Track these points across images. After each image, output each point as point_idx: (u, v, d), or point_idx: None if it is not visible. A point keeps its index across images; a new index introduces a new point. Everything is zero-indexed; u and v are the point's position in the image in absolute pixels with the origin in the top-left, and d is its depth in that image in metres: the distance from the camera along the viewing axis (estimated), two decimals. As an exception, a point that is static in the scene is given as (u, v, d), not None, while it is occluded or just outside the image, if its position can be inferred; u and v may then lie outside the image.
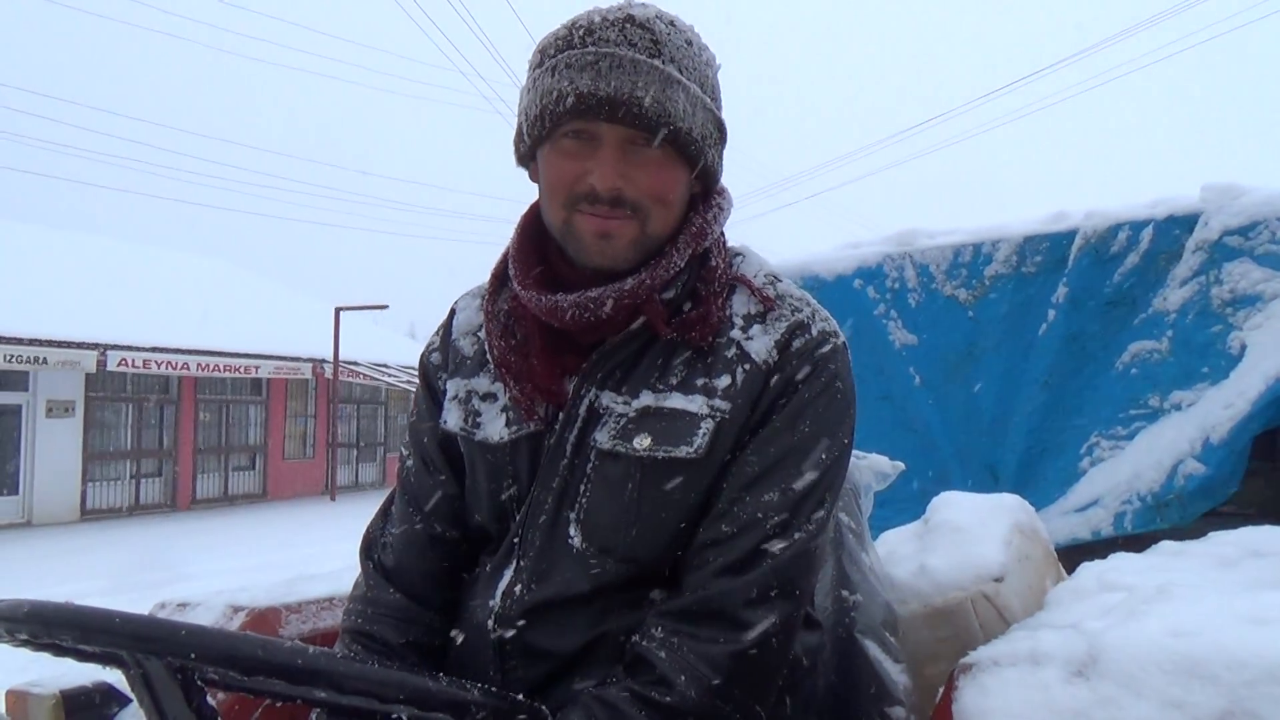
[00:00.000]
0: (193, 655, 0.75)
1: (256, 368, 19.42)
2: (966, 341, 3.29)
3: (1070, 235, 3.08)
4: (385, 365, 22.22)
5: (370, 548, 1.33)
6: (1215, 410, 2.57)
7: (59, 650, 0.85)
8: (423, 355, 1.39)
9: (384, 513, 1.36)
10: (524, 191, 1.23)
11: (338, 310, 20.54)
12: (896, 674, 1.49)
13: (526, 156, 1.20)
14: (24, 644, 0.86)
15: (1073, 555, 2.51)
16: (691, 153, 1.13)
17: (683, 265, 1.16)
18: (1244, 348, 2.62)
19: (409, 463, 1.34)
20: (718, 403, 1.11)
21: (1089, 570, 1.32)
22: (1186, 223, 2.85)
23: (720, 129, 1.20)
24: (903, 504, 3.03)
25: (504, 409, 1.22)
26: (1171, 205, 2.92)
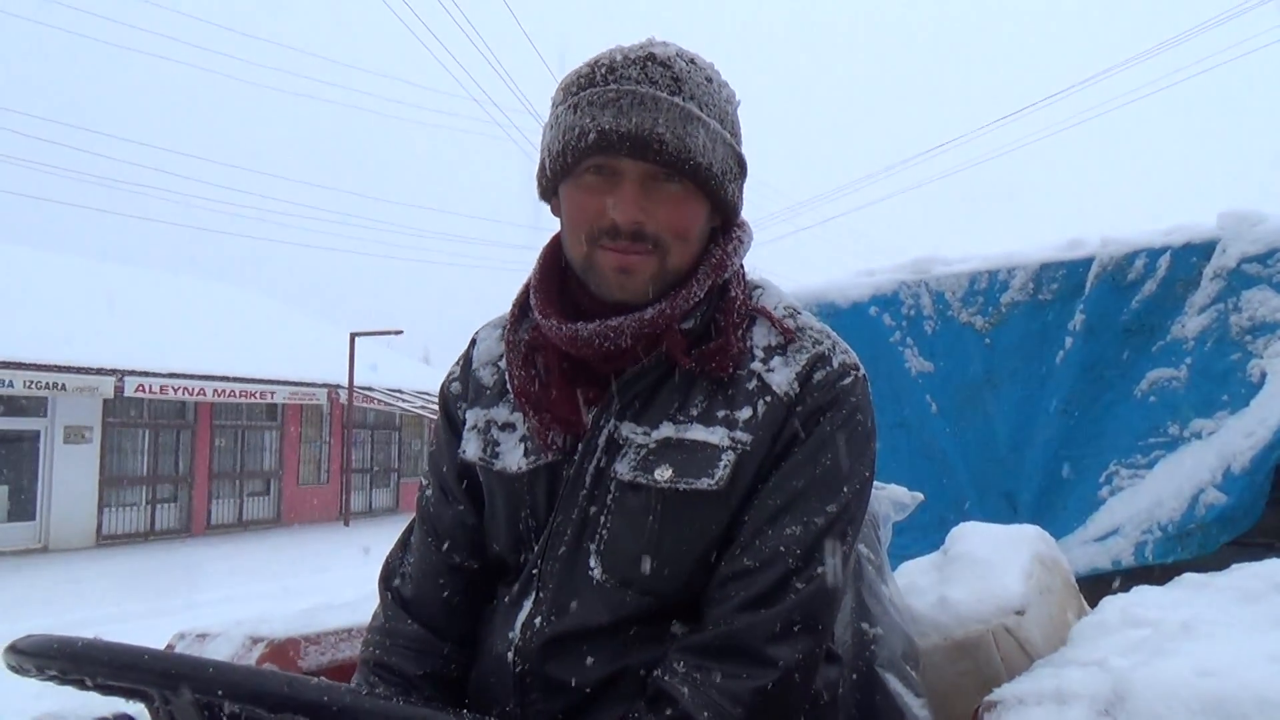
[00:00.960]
0: (219, 692, 0.76)
1: (272, 393, 19.52)
2: (983, 369, 3.27)
3: (1087, 263, 3.07)
4: (400, 391, 22.28)
5: (389, 577, 1.34)
6: (1236, 439, 2.55)
7: (85, 685, 0.86)
8: (443, 385, 1.40)
9: (403, 543, 1.37)
10: (536, 218, 1.25)
11: (353, 336, 20.65)
12: (918, 708, 1.48)
13: (549, 191, 1.22)
14: (51, 679, 0.86)
15: (1093, 585, 2.50)
16: (711, 188, 1.14)
17: (702, 296, 1.17)
18: (1264, 375, 2.60)
19: (428, 492, 1.35)
20: (739, 435, 1.12)
21: (1112, 604, 1.31)
22: (1204, 250, 2.84)
23: (740, 164, 1.21)
24: (919, 532, 3.01)
25: (522, 439, 1.23)
26: (1189, 232, 2.91)
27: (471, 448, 1.27)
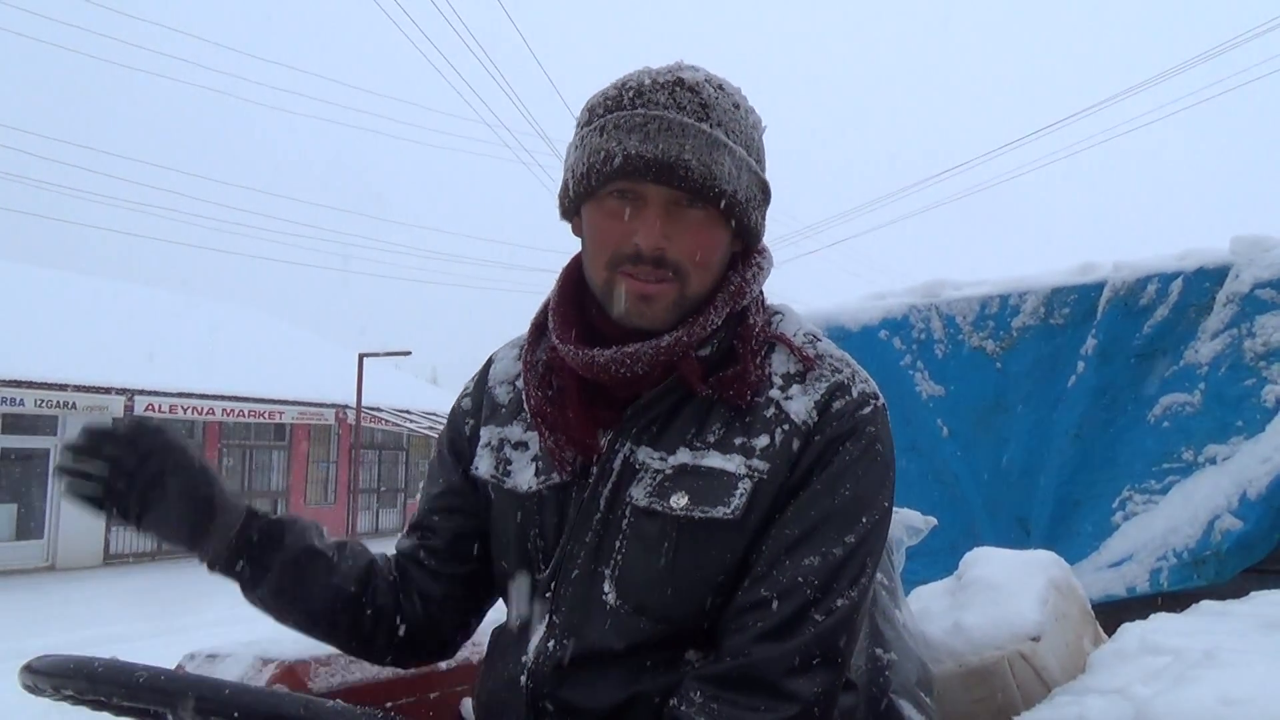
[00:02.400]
0: (235, 714, 0.75)
1: (280, 413, 19.56)
2: (994, 393, 3.26)
3: (1098, 287, 3.07)
4: (408, 411, 22.30)
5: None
6: (1252, 464, 2.53)
7: (100, 706, 0.85)
8: (454, 407, 1.40)
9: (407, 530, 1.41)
10: (545, 239, 1.25)
11: (361, 356, 20.68)
12: (933, 736, 1.46)
13: (571, 211, 1.21)
14: (66, 699, 0.86)
15: (1107, 611, 2.47)
16: (735, 215, 1.14)
17: (720, 323, 1.17)
18: (1279, 401, 2.59)
19: (424, 504, 1.38)
20: (756, 463, 1.11)
21: (1131, 631, 1.30)
22: (1217, 275, 2.83)
23: (764, 190, 1.21)
24: (931, 557, 2.99)
25: (534, 458, 1.22)
26: (1201, 257, 2.91)
27: (484, 465, 1.27)
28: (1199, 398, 2.80)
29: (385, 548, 1.39)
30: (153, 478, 1.11)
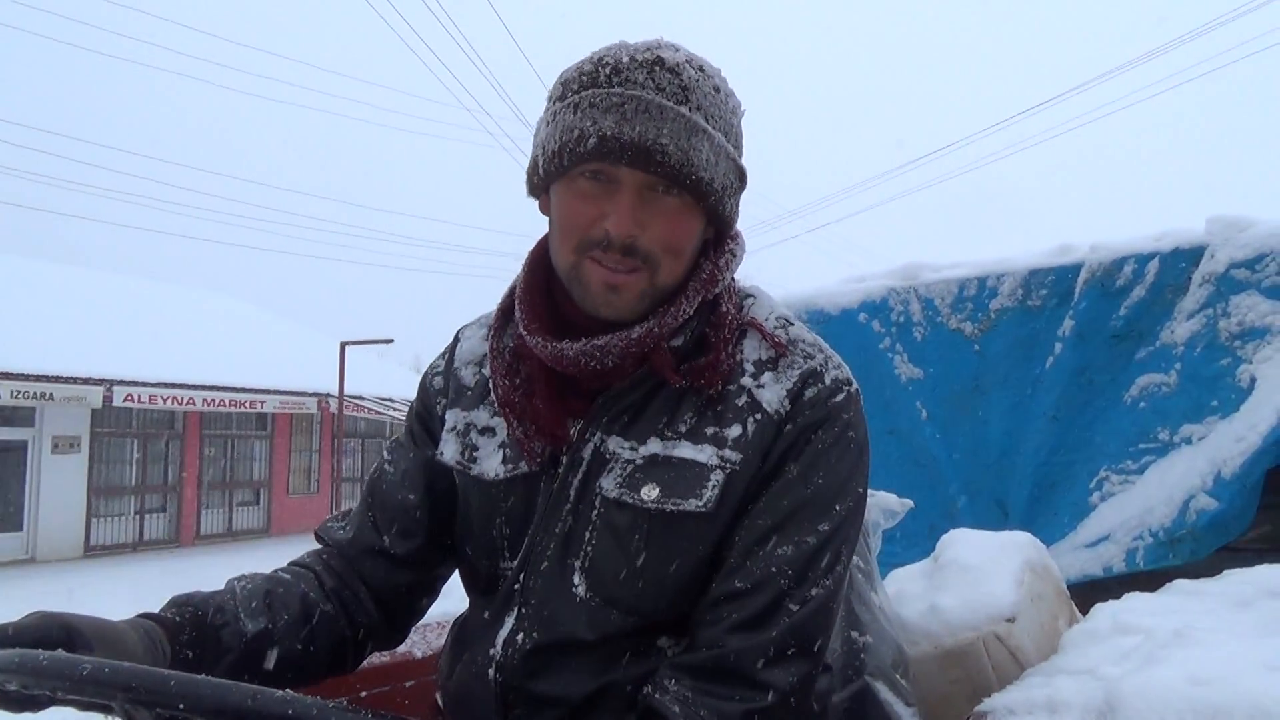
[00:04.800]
0: (181, 705, 0.74)
1: (262, 402, 19.42)
2: (973, 375, 3.27)
3: (1076, 268, 3.07)
4: (390, 400, 22.20)
5: (320, 534, 1.34)
6: (1226, 444, 2.54)
7: (48, 700, 0.83)
8: (425, 375, 1.37)
9: (342, 514, 1.36)
10: (528, 226, 1.21)
11: (343, 345, 20.55)
12: (908, 717, 1.46)
13: (539, 189, 1.17)
14: (9, 695, 0.84)
15: (1084, 592, 2.48)
16: (711, 203, 1.11)
17: (691, 312, 1.14)
18: (1254, 380, 2.60)
19: (387, 468, 1.33)
20: (728, 453, 1.09)
21: (1103, 611, 1.30)
22: (1192, 255, 2.84)
23: (741, 176, 1.17)
24: (909, 539, 3.00)
25: (501, 445, 1.20)
26: (1177, 238, 2.91)
27: (449, 450, 1.25)
28: (1175, 378, 2.81)
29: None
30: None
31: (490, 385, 1.22)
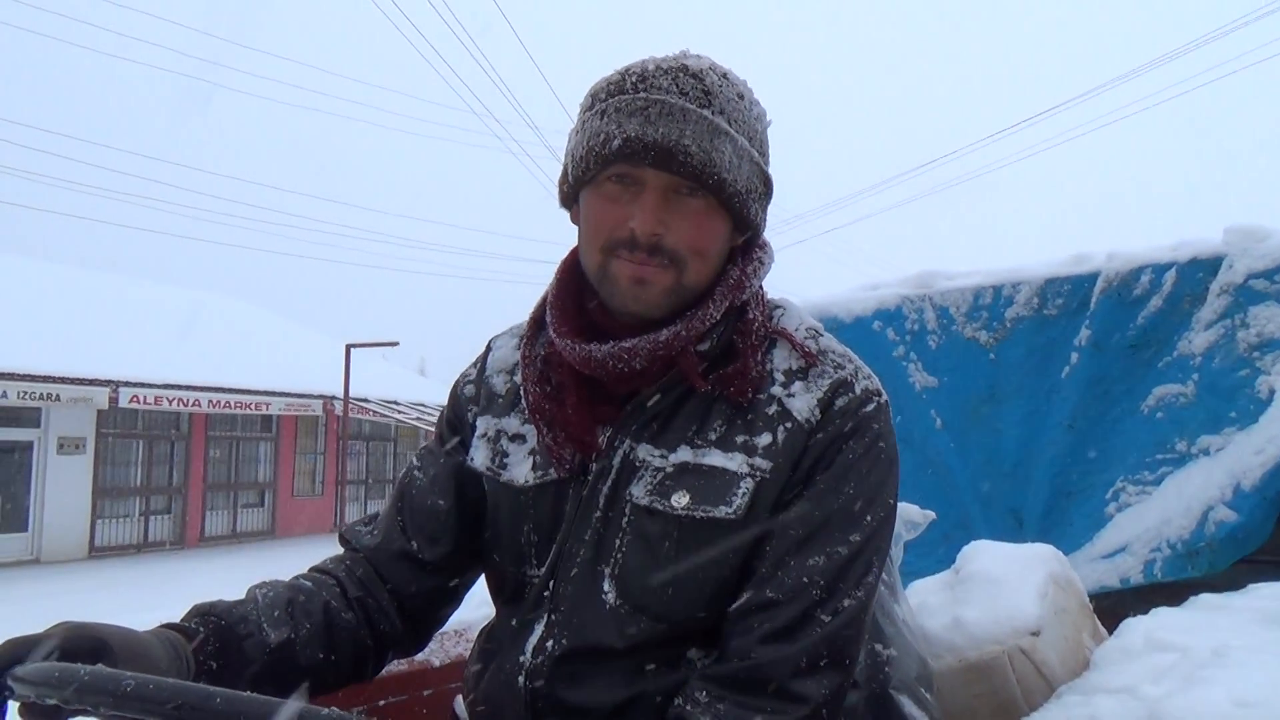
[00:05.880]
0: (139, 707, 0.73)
1: (267, 404, 19.45)
2: (988, 384, 3.26)
3: (1092, 278, 3.06)
4: (395, 402, 22.22)
5: (346, 538, 1.32)
6: (1245, 456, 2.52)
7: (87, 715, 0.83)
8: (457, 383, 1.37)
9: (369, 518, 1.35)
10: (533, 230, 1.22)
11: (348, 347, 20.58)
12: (933, 732, 1.45)
13: (569, 198, 1.20)
14: (43, 710, 0.83)
15: (1101, 603, 2.47)
16: (734, 205, 1.12)
17: (719, 317, 1.15)
18: (1273, 392, 2.58)
19: (416, 473, 1.32)
20: (758, 461, 1.09)
21: (1134, 627, 1.29)
22: (1210, 265, 2.83)
23: (766, 183, 1.18)
24: (924, 548, 2.98)
25: (531, 452, 1.21)
26: (1194, 248, 2.90)
27: (480, 456, 1.25)
28: (1193, 389, 2.79)
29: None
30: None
31: (521, 392, 1.22)
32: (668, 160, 1.06)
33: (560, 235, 1.25)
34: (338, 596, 1.22)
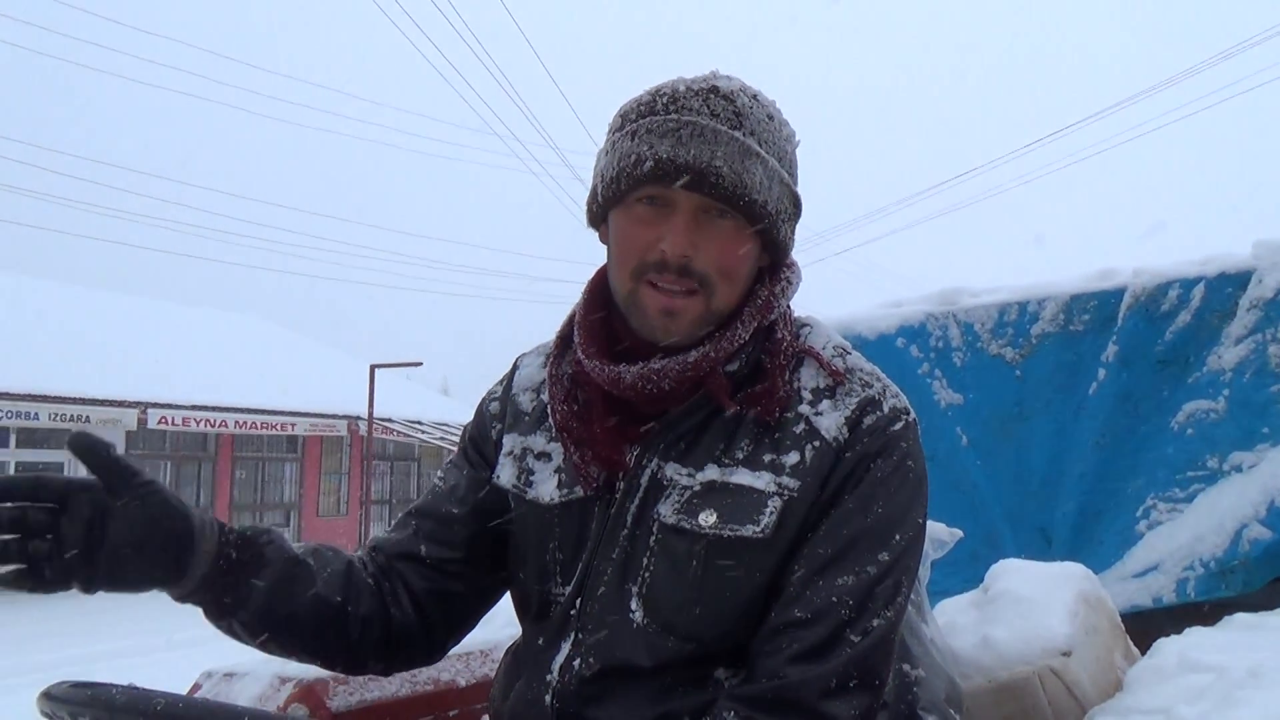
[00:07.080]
0: None
1: (293, 425, 19.60)
2: (1014, 401, 3.23)
3: (1119, 293, 3.03)
4: (419, 422, 22.31)
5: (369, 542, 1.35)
6: (1279, 472, 2.49)
7: None
8: (483, 400, 1.38)
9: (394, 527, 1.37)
10: (554, 249, 1.23)
11: (373, 368, 20.69)
12: (963, 754, 1.43)
13: (599, 218, 1.20)
14: None
15: (1133, 622, 2.43)
16: (764, 226, 1.12)
17: (747, 338, 1.15)
18: (1307, 408, 2.55)
19: (436, 482, 1.34)
20: (786, 480, 1.09)
21: (1168, 647, 1.27)
22: (1239, 280, 2.80)
23: (795, 204, 1.19)
24: (951, 567, 2.95)
25: (557, 470, 1.21)
26: (1223, 262, 2.87)
27: (506, 474, 1.26)
28: (1223, 404, 2.76)
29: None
30: (88, 525, 0.97)
31: (548, 411, 1.23)
32: (699, 182, 1.06)
33: (582, 254, 1.25)
34: (358, 565, 1.25)
